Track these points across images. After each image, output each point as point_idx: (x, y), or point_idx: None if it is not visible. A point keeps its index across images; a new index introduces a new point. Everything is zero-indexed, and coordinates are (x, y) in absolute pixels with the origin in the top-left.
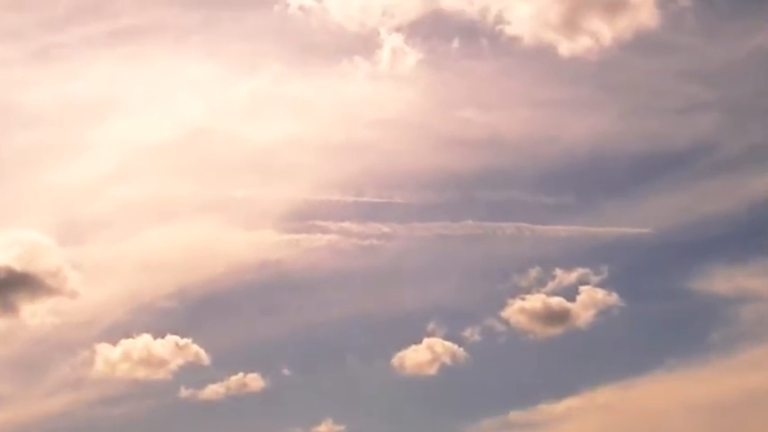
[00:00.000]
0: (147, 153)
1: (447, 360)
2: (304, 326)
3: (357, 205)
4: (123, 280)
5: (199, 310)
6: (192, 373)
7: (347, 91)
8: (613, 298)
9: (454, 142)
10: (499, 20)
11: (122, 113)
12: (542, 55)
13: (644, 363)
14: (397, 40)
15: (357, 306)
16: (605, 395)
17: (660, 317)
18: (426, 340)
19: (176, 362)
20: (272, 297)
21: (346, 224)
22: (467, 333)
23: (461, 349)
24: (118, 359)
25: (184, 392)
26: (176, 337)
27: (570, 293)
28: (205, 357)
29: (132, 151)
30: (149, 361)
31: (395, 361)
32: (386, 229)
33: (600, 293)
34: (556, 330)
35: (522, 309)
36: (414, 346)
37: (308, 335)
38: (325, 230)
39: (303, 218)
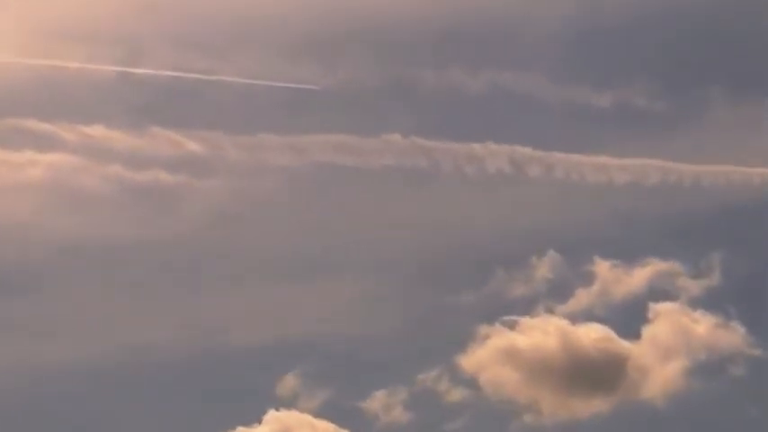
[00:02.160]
0: None
1: None
2: None
3: (124, 83)
4: None
5: None
6: None
7: None
8: (735, 333)
9: None
10: None
11: None
12: None
13: None
14: None
15: (113, 335)
16: None
17: None
18: (275, 415)
19: None
20: None
21: (97, 131)
22: (372, 402)
23: None
24: None
25: None
26: None
27: (628, 319)
28: None
29: None
30: None
31: None
32: (195, 146)
33: (703, 321)
34: (592, 404)
35: (510, 349)
36: (243, 430)
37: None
38: (41, 143)
39: None
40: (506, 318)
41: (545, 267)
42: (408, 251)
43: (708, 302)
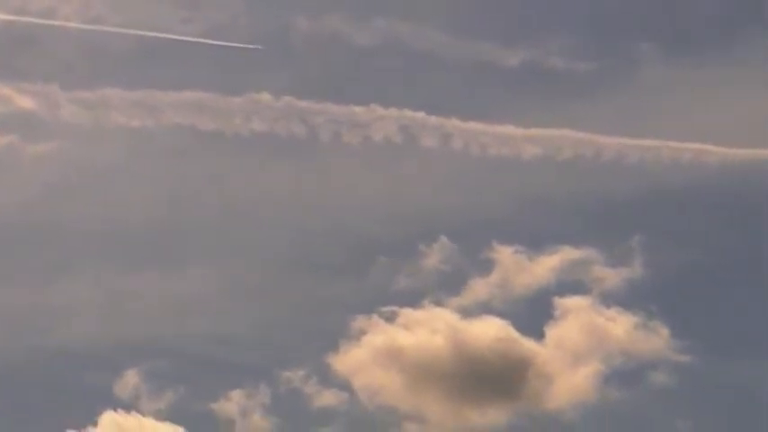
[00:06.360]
0: None
1: None
2: None
3: None
4: None
5: None
6: None
7: None
8: (657, 336)
9: None
10: None
11: None
12: None
13: None
14: None
15: None
16: None
17: None
18: (112, 417)
19: None
20: None
21: None
22: (227, 403)
23: None
24: None
25: None
26: None
27: (531, 315)
28: None
29: None
30: None
31: None
32: (26, 102)
33: (620, 320)
34: (487, 414)
35: (390, 348)
36: None
37: None
38: None
39: None
40: (385, 309)
41: (435, 256)
42: (275, 232)
43: (626, 298)
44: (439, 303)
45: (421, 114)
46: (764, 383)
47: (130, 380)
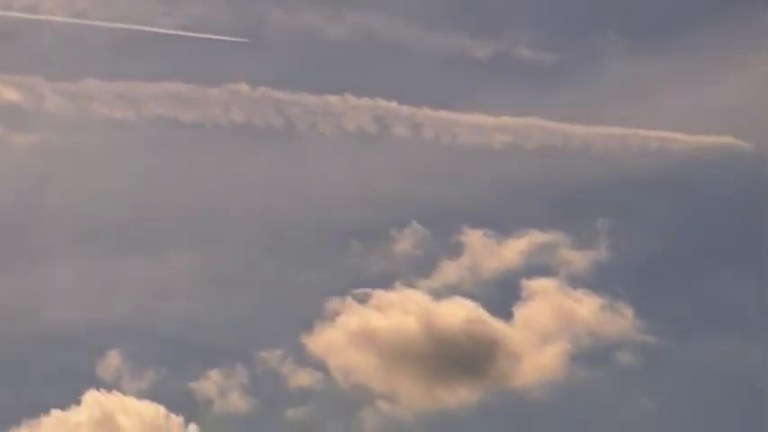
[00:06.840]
0: None
1: None
2: None
3: None
4: None
5: None
6: None
7: None
8: (623, 317)
9: None
10: None
11: None
12: None
13: None
14: None
15: None
16: None
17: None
18: (95, 396)
19: None
20: None
21: None
22: (206, 382)
23: (179, 418)
24: None
25: None
26: None
27: (499, 296)
28: None
29: None
30: None
31: None
32: (10, 94)
33: (586, 301)
34: (458, 393)
35: (363, 329)
36: (58, 414)
37: None
38: None
39: None
40: (358, 291)
41: (406, 241)
42: (252, 219)
43: (592, 280)
44: (411, 285)
45: (393, 104)
46: (724, 362)
47: (112, 361)
